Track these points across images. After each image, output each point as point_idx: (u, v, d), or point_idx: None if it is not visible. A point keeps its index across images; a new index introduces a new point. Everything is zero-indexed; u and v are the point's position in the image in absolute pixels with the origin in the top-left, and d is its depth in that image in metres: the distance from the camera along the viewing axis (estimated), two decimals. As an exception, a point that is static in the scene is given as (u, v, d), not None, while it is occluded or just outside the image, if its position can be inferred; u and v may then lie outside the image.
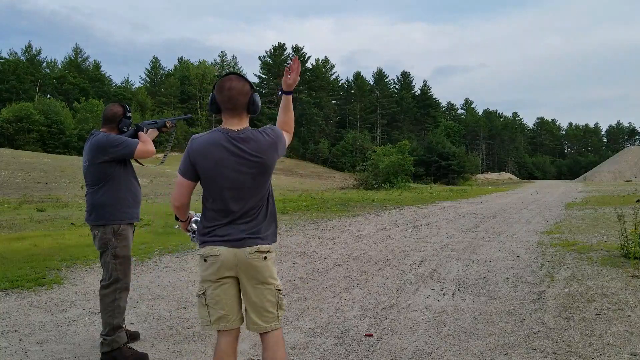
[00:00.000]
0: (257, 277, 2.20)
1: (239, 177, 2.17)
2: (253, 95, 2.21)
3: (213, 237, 2.20)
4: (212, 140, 2.19)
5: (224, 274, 2.19)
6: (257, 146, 2.18)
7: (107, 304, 3.26)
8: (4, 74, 61.11)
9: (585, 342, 3.55)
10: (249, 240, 2.18)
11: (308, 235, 9.60)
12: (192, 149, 2.20)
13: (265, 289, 2.21)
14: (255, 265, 2.18)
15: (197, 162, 2.19)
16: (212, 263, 2.19)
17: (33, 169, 28.39)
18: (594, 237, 9.06)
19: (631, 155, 78.54)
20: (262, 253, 2.19)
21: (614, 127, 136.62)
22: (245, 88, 2.19)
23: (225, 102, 2.18)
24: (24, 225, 10.57)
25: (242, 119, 2.23)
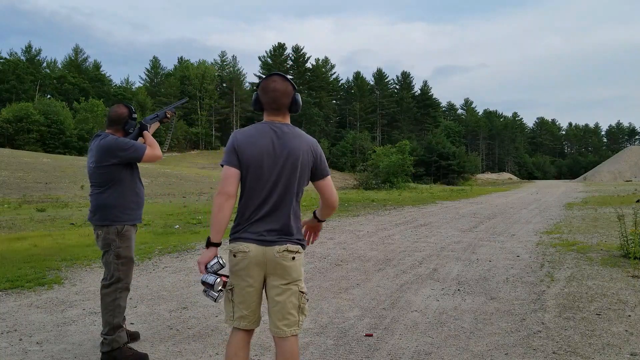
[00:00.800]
0: (283, 277, 2.21)
1: (277, 168, 2.21)
2: (295, 95, 2.29)
3: (244, 233, 2.23)
4: (258, 129, 2.26)
5: (252, 270, 2.21)
6: (298, 142, 2.24)
7: (107, 304, 3.26)
8: (4, 74, 61.10)
9: (585, 342, 3.55)
10: (279, 239, 2.20)
11: (308, 235, 9.59)
12: (237, 139, 2.24)
13: (290, 290, 2.22)
14: (283, 265, 2.20)
15: (243, 151, 2.21)
16: (242, 259, 2.22)
17: (33, 169, 28.38)
18: (594, 237, 9.06)
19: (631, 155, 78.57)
20: (290, 253, 2.21)
21: (614, 127, 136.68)
22: (289, 89, 2.27)
23: (270, 103, 2.26)
24: (24, 225, 10.57)
25: (285, 116, 2.32)
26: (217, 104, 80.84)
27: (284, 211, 2.22)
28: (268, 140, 2.22)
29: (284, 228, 2.22)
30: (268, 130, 2.24)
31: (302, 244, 2.29)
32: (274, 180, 2.21)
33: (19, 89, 61.19)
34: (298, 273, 2.24)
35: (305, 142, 2.27)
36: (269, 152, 2.20)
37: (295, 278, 2.23)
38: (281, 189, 2.21)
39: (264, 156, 2.20)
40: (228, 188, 2.22)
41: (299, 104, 2.30)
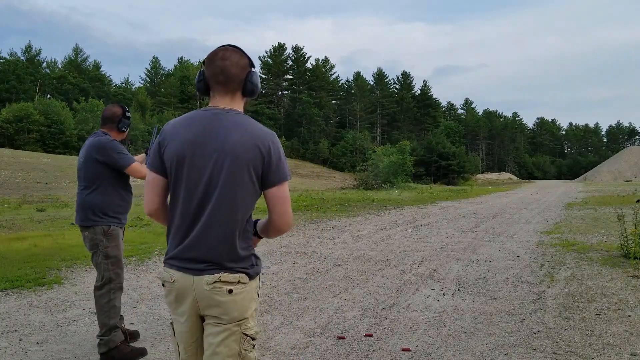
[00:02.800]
0: (218, 316, 1.66)
1: (207, 170, 1.64)
2: (252, 72, 1.75)
3: (170, 257, 1.72)
4: (189, 117, 1.72)
5: (182, 304, 1.70)
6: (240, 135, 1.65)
7: (102, 305, 3.26)
8: (4, 74, 61.12)
9: (585, 342, 3.55)
10: (209, 267, 1.65)
11: (308, 235, 9.60)
12: (164, 131, 1.73)
13: (227, 333, 1.66)
14: (217, 300, 1.64)
15: (166, 146, 1.69)
16: (169, 290, 1.71)
17: (33, 169, 28.40)
18: (594, 237, 9.06)
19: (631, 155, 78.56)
20: (225, 284, 1.64)
21: (614, 127, 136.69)
22: (243, 61, 1.73)
23: (217, 74, 1.70)
24: (24, 225, 10.57)
25: (235, 99, 1.74)
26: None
27: (220, 229, 1.64)
28: (197, 130, 1.65)
29: (217, 252, 1.65)
30: (202, 118, 1.68)
31: (248, 272, 1.69)
32: (202, 187, 1.64)
33: (19, 89, 61.20)
34: (241, 311, 1.67)
35: (251, 135, 1.65)
36: (195, 148, 1.64)
37: (235, 317, 1.66)
38: (214, 198, 1.63)
39: (187, 152, 1.64)
40: (147, 203, 1.75)
41: (256, 84, 1.76)
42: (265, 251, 7.66)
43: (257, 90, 1.79)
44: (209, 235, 1.65)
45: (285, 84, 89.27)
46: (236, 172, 1.63)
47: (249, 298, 1.70)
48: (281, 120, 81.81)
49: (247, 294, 1.69)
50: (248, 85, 1.74)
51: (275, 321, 4.08)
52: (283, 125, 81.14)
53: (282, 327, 3.93)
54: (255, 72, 1.77)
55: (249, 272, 1.70)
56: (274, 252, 7.54)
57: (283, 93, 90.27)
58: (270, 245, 8.23)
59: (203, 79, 1.75)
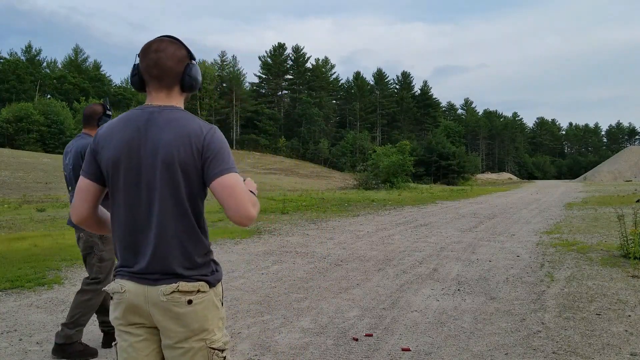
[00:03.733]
0: (178, 331, 1.51)
1: (145, 172, 1.52)
2: (190, 64, 1.60)
3: (121, 267, 1.58)
4: (122, 118, 1.59)
5: (133, 320, 1.54)
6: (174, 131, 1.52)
7: (82, 301, 3.32)
8: (4, 74, 61.13)
9: (585, 342, 3.55)
10: (164, 276, 1.51)
11: (308, 235, 9.60)
12: (98, 135, 1.59)
13: (191, 350, 1.51)
14: (175, 313, 1.49)
15: (101, 151, 1.56)
16: (118, 303, 1.55)
17: (33, 169, 28.40)
18: (594, 237, 9.06)
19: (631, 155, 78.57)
20: (184, 294, 1.50)
21: (614, 127, 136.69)
22: (180, 53, 1.59)
23: (151, 67, 1.56)
24: (24, 225, 10.57)
25: (172, 95, 1.60)
26: (217, 104, 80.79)
27: (170, 234, 1.52)
28: (132, 132, 1.53)
29: (172, 259, 1.51)
30: (137, 118, 1.55)
31: (208, 280, 1.55)
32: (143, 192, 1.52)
33: (19, 89, 61.21)
34: (203, 323, 1.52)
35: (185, 131, 1.52)
36: (131, 150, 1.52)
37: (197, 330, 1.51)
38: (157, 203, 1.51)
39: (122, 156, 1.52)
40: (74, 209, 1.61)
41: (194, 77, 1.60)
42: (265, 251, 7.66)
43: (197, 84, 1.63)
44: (159, 241, 1.52)
45: (285, 84, 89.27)
46: (174, 172, 1.50)
47: (211, 307, 1.55)
48: (281, 120, 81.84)
49: (208, 303, 1.54)
50: (186, 79, 1.59)
51: (275, 321, 4.08)
52: (283, 125, 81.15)
53: (282, 327, 3.93)
54: (194, 64, 1.62)
55: (209, 280, 1.55)
56: (274, 252, 7.54)
57: (283, 93, 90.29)
58: (270, 245, 8.24)
59: (137, 74, 1.61)
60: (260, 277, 5.78)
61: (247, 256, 7.20)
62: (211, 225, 10.94)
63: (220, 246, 8.07)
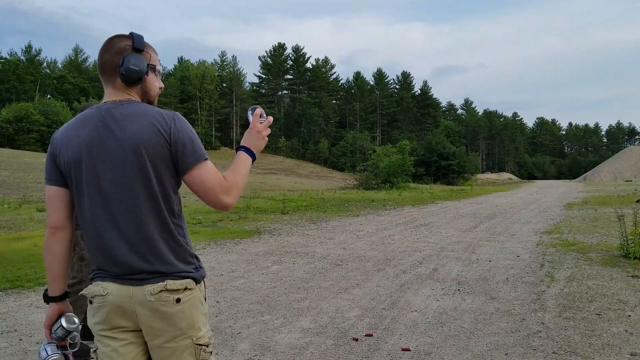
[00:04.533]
0: (165, 331, 1.47)
1: (111, 170, 1.46)
2: (129, 55, 1.50)
3: (100, 270, 1.52)
4: (78, 119, 1.54)
5: (117, 323, 1.49)
6: (138, 124, 1.46)
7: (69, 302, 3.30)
8: (4, 74, 61.13)
9: (585, 342, 3.55)
10: (151, 276, 1.47)
11: (308, 235, 9.60)
12: (54, 138, 1.54)
13: (179, 349, 1.49)
14: (162, 312, 1.46)
15: (59, 153, 1.51)
16: (99, 307, 1.49)
17: (33, 169, 28.39)
18: (594, 237, 9.06)
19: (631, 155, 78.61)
20: (172, 293, 1.46)
21: (614, 127, 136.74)
22: (119, 45, 1.51)
23: (97, 62, 1.54)
24: (24, 225, 10.57)
25: (118, 89, 1.53)
26: (217, 104, 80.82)
27: (147, 231, 1.47)
28: (91, 130, 1.47)
29: (154, 257, 1.47)
30: (93, 116, 1.50)
31: (194, 276, 1.52)
32: (110, 190, 1.46)
33: (19, 89, 61.22)
34: (190, 320, 1.50)
35: (149, 122, 1.46)
36: (92, 149, 1.46)
37: (185, 328, 1.49)
38: (126, 200, 1.46)
39: (83, 156, 1.46)
40: (50, 218, 1.55)
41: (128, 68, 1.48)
42: (265, 251, 7.66)
43: (131, 74, 1.49)
44: (136, 239, 1.46)
45: (285, 84, 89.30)
46: (143, 166, 1.44)
47: (197, 304, 1.53)
48: (281, 120, 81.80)
49: (195, 300, 1.52)
50: (119, 70, 1.49)
51: (275, 321, 4.08)
52: (283, 125, 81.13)
53: (282, 327, 3.93)
54: (133, 55, 1.50)
55: (194, 276, 1.52)
56: (274, 252, 7.54)
57: (283, 93, 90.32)
58: (270, 246, 8.24)
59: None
60: (260, 277, 5.78)
61: (247, 256, 7.20)
62: (212, 225, 10.94)
63: (220, 246, 8.07)
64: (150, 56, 1.58)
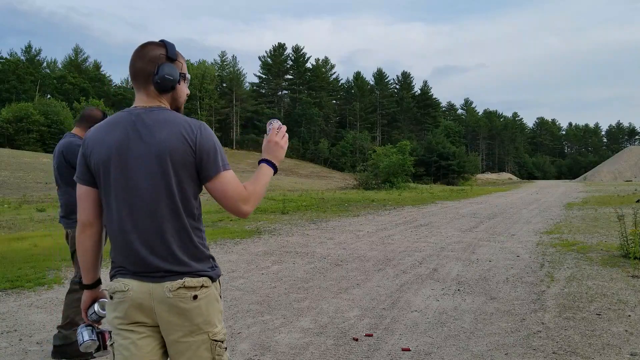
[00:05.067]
0: (183, 326, 1.55)
1: (142, 170, 1.54)
2: (162, 64, 1.58)
3: (121, 267, 1.59)
4: (109, 121, 1.61)
5: (136, 318, 1.56)
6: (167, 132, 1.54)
7: (73, 300, 3.32)
8: (4, 74, 61.11)
9: (585, 342, 3.55)
10: (169, 273, 1.54)
11: (308, 235, 9.60)
12: (86, 138, 1.62)
13: (196, 344, 1.56)
14: (180, 308, 1.53)
15: (91, 154, 1.58)
16: (119, 302, 1.56)
17: (33, 169, 28.41)
18: (594, 237, 9.06)
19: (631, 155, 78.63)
20: (190, 290, 1.54)
21: (614, 127, 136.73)
22: (153, 53, 1.59)
23: (129, 68, 1.62)
24: (24, 225, 10.57)
25: (151, 96, 1.61)
26: (217, 104, 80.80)
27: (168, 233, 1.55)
28: (121, 134, 1.55)
29: (173, 256, 1.55)
30: (124, 120, 1.57)
31: (210, 275, 1.60)
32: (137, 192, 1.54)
33: (19, 89, 61.19)
34: (206, 317, 1.57)
35: (177, 130, 1.54)
36: (121, 152, 1.54)
37: (201, 324, 1.56)
38: (152, 202, 1.54)
39: (113, 158, 1.54)
40: (80, 215, 1.65)
41: (164, 76, 1.57)
42: (265, 251, 7.66)
43: (166, 83, 1.58)
44: (158, 239, 1.55)
45: (285, 84, 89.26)
46: (167, 172, 1.53)
47: (213, 302, 1.61)
48: (281, 121, 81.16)
49: (211, 297, 1.60)
50: (154, 79, 1.57)
51: (275, 321, 4.08)
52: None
53: (282, 327, 3.93)
54: (167, 64, 1.59)
55: (211, 275, 1.61)
56: (274, 252, 7.54)
57: (283, 93, 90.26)
58: (270, 246, 8.24)
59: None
60: (260, 277, 5.78)
61: (247, 256, 7.20)
62: (212, 225, 10.93)
63: (221, 246, 8.07)
64: (182, 65, 1.66)
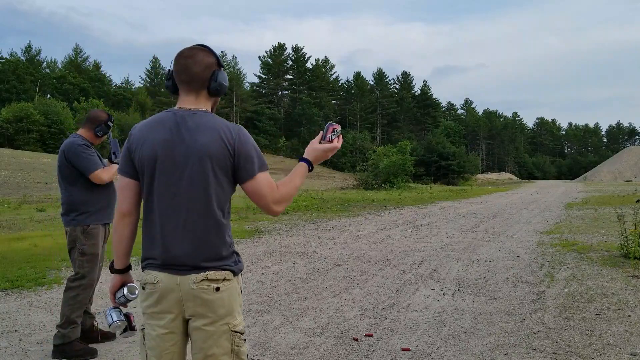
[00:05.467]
0: (206, 315, 1.66)
1: (178, 172, 1.67)
2: (217, 71, 1.74)
3: (151, 259, 1.72)
4: (154, 120, 1.74)
5: (165, 308, 1.69)
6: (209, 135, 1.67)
7: (69, 298, 3.34)
8: (4, 74, 61.10)
9: (585, 342, 3.55)
10: (194, 265, 1.67)
11: (308, 235, 9.60)
12: (131, 135, 1.74)
13: (217, 333, 1.67)
14: (203, 299, 1.65)
15: (135, 150, 1.70)
16: (150, 293, 1.70)
17: (33, 169, 28.41)
18: (594, 237, 9.06)
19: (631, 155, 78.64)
20: (212, 282, 1.66)
21: (614, 127, 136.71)
22: (208, 60, 1.73)
23: (180, 72, 1.72)
24: (24, 225, 10.57)
25: (200, 99, 1.74)
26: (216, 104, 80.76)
27: (199, 228, 1.68)
28: (165, 133, 1.68)
29: (200, 250, 1.67)
30: (168, 120, 1.70)
31: (232, 269, 1.71)
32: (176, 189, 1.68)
33: (19, 89, 61.18)
34: (228, 308, 1.68)
35: (217, 134, 1.67)
36: (165, 150, 1.67)
37: (222, 315, 1.67)
38: (188, 199, 1.67)
39: (158, 155, 1.67)
40: (120, 205, 1.77)
41: (221, 82, 1.74)
42: (265, 251, 7.66)
43: (223, 89, 1.76)
44: (188, 234, 1.67)
45: (285, 84, 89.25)
46: (206, 172, 1.66)
47: (234, 294, 1.71)
48: (281, 120, 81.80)
49: (233, 290, 1.71)
50: (212, 84, 1.73)
51: (275, 321, 4.08)
52: (283, 125, 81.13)
53: (282, 327, 3.93)
54: (221, 71, 1.76)
55: (233, 269, 1.72)
56: (274, 252, 7.54)
57: (283, 93, 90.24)
58: (270, 245, 8.24)
59: (171, 78, 1.79)
60: (260, 277, 5.78)
61: (247, 256, 7.20)
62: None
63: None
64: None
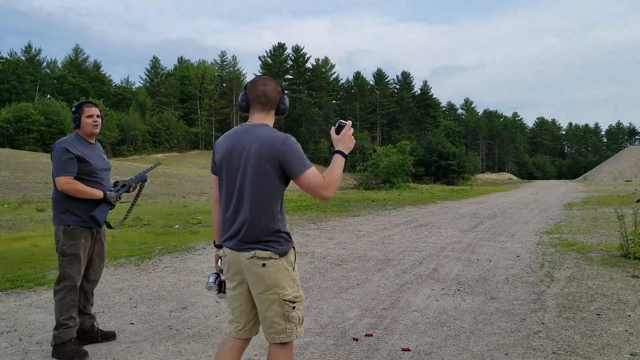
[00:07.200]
0: (258, 285, 2.13)
1: (238, 169, 2.17)
2: (283, 96, 2.31)
3: (223, 239, 2.25)
4: (231, 131, 2.30)
5: (233, 275, 2.22)
6: (259, 141, 2.14)
7: (56, 301, 3.34)
8: (4, 74, 61.12)
9: (585, 342, 3.55)
10: (247, 244, 2.14)
11: (308, 235, 9.60)
12: (216, 143, 2.32)
13: (269, 299, 2.13)
14: (255, 272, 2.12)
15: (216, 153, 2.28)
16: (224, 263, 2.26)
17: (33, 169, 28.42)
18: (594, 237, 9.06)
19: (631, 155, 78.66)
20: (259, 259, 2.11)
21: (614, 127, 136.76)
22: (278, 88, 2.29)
23: (260, 96, 2.23)
24: (24, 225, 10.57)
25: (269, 116, 2.28)
26: (217, 104, 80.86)
27: (254, 215, 2.13)
28: (232, 141, 2.22)
29: (253, 233, 2.13)
30: (237, 131, 2.25)
31: (277, 250, 2.14)
32: (236, 184, 2.17)
33: (19, 89, 61.21)
34: (274, 281, 2.11)
35: (268, 142, 2.13)
36: (230, 152, 2.20)
37: (270, 286, 2.12)
38: (246, 192, 2.14)
39: (225, 158, 2.22)
40: (213, 196, 2.36)
41: (286, 106, 2.31)
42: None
43: (287, 110, 2.33)
44: (245, 220, 2.13)
45: (285, 84, 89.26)
46: (259, 170, 2.12)
47: (282, 270, 2.13)
48: (281, 120, 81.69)
49: (279, 267, 2.13)
50: (282, 106, 2.30)
51: (275, 321, 4.07)
52: (283, 125, 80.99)
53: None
54: (285, 96, 2.32)
55: (278, 250, 2.13)
56: (274, 252, 7.53)
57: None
58: (270, 245, 8.23)
59: (246, 99, 2.27)
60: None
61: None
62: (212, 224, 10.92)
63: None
64: None
